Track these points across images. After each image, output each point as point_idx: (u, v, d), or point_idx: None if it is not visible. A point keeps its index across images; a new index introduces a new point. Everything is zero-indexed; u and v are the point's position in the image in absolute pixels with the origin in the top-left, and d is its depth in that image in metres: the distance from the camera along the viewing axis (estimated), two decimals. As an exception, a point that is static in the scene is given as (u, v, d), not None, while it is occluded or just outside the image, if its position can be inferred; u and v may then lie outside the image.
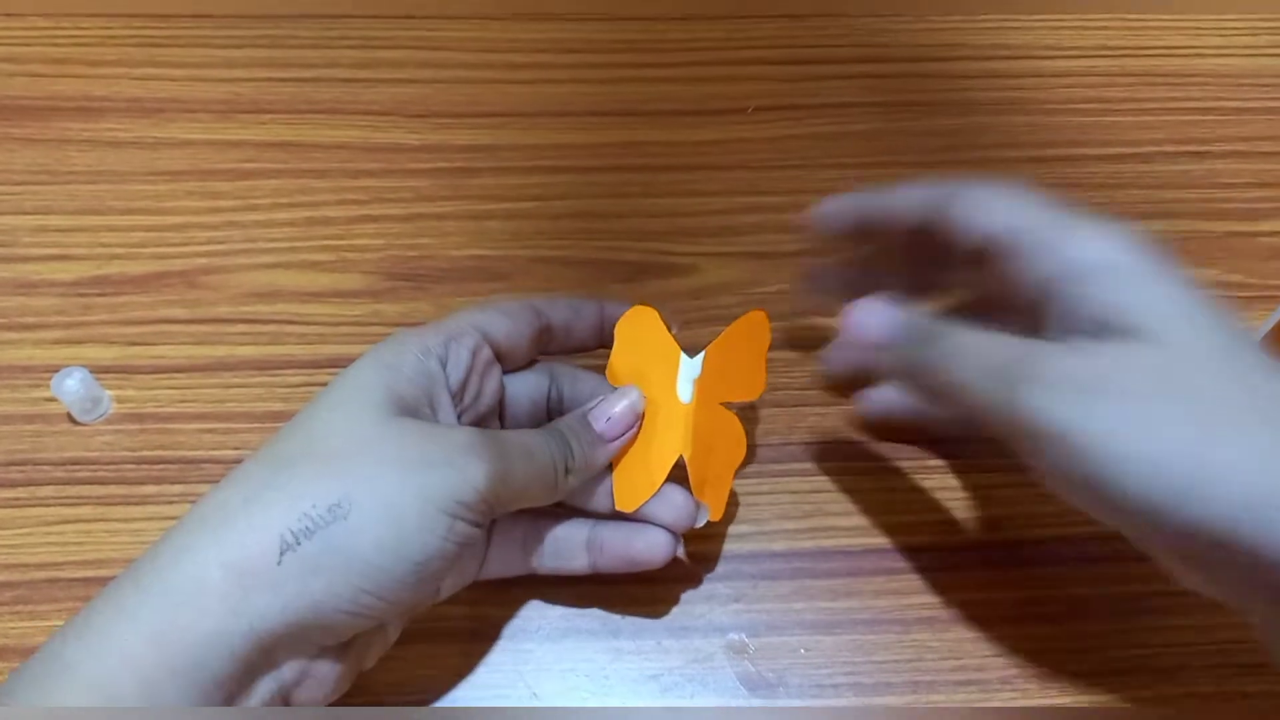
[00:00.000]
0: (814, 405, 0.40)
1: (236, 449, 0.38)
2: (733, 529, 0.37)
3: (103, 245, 0.44)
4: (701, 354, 0.36)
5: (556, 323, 0.35)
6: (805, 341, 0.41)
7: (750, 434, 0.37)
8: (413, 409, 0.29)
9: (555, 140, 0.48)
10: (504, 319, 0.33)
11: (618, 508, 0.33)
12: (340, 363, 0.39)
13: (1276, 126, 0.49)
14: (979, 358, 0.28)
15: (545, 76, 0.50)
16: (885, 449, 0.39)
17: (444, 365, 0.31)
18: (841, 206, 0.35)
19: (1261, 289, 0.44)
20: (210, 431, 0.39)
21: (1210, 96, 0.50)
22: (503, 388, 0.34)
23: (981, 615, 0.35)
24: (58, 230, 0.44)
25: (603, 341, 0.36)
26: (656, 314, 0.37)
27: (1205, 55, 0.52)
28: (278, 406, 0.39)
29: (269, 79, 0.50)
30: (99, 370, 0.39)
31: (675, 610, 0.35)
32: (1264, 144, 0.49)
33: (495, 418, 0.34)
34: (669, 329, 0.36)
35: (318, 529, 0.26)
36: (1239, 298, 0.44)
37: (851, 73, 0.51)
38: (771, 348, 0.34)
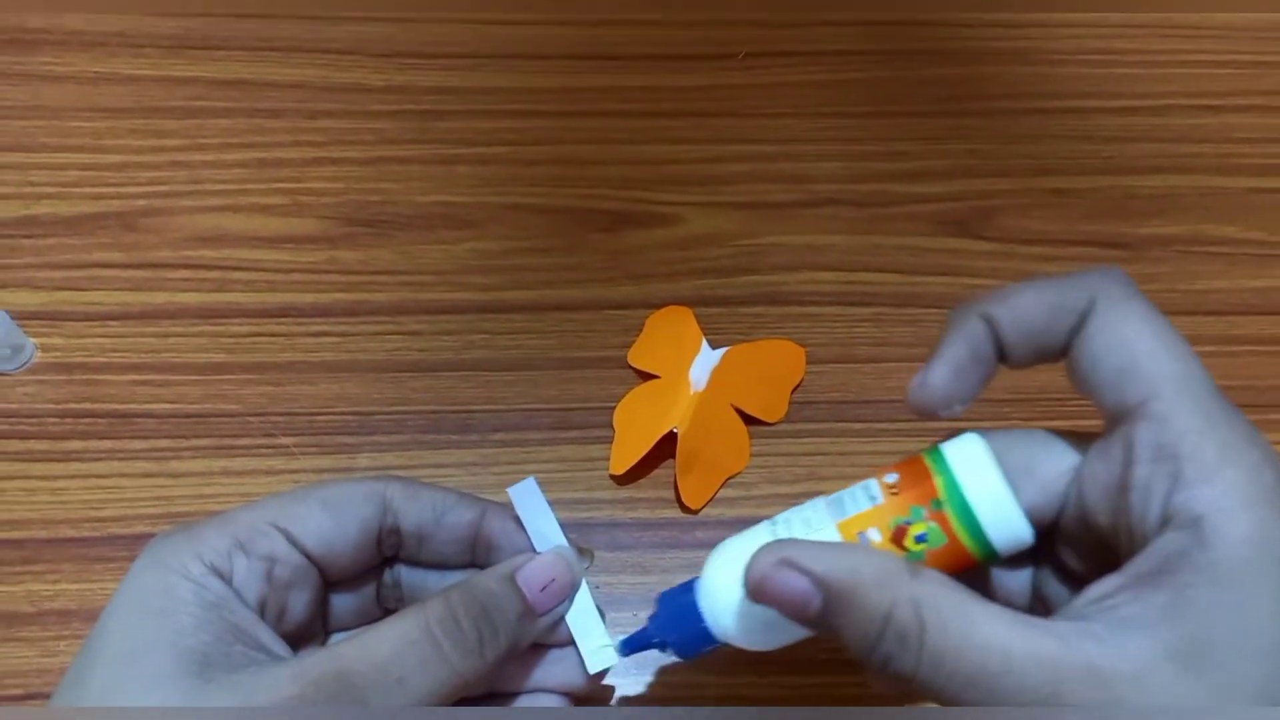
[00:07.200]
0: (809, 363, 0.37)
1: (173, 402, 0.35)
2: (719, 493, 0.34)
3: (31, 184, 0.40)
4: (724, 349, 0.36)
5: (407, 528, 0.26)
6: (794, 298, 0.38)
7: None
8: (214, 657, 0.21)
9: (531, 84, 0.45)
10: (323, 515, 0.24)
11: (611, 470, 0.34)
12: (290, 312, 0.37)
13: (1294, 82, 0.47)
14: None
15: (520, 18, 0.47)
16: (880, 410, 0.36)
17: (229, 580, 0.23)
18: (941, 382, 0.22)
19: (1282, 246, 0.41)
20: (145, 383, 0.35)
21: (1225, 50, 0.47)
22: (324, 601, 0.26)
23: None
24: (-17, 167, 0.40)
25: (474, 560, 0.27)
26: (690, 312, 0.37)
27: (1222, 8, 0.49)
28: (220, 358, 0.36)
29: (223, 14, 0.46)
30: (22, 316, 0.36)
31: (654, 580, 0.32)
32: (1281, 99, 0.46)
33: (318, 625, 0.26)
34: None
35: None
36: (1258, 255, 0.41)
37: (849, 19, 0.48)
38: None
